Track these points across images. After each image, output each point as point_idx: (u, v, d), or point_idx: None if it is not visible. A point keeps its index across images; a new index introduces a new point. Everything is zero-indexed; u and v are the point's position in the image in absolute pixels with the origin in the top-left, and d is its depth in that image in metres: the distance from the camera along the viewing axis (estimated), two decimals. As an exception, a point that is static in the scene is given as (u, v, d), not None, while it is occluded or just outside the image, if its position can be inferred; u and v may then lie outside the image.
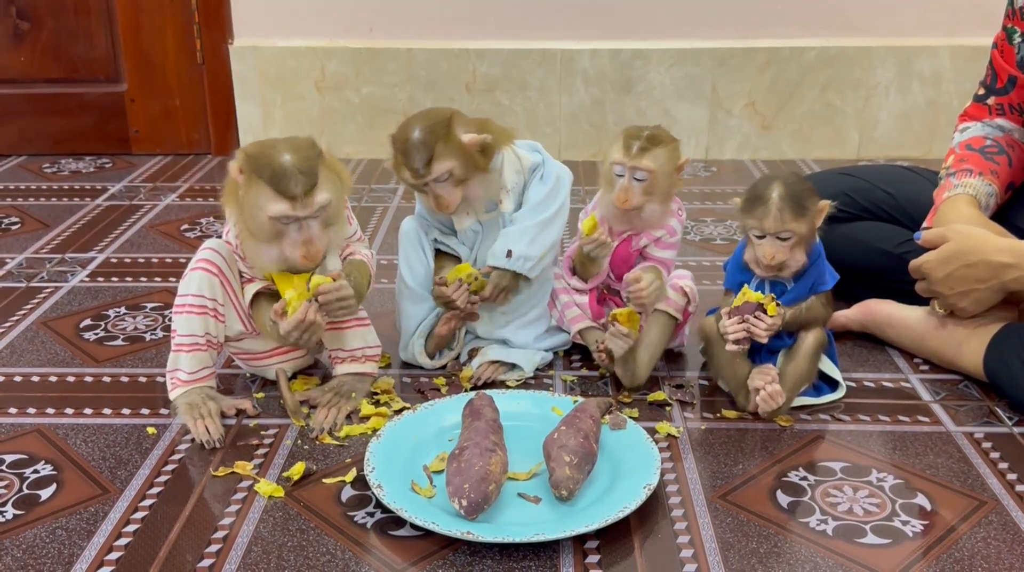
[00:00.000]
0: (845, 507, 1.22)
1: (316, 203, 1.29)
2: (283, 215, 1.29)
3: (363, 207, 2.44)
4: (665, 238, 1.53)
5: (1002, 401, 1.47)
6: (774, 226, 1.35)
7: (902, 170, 1.84)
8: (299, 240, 1.31)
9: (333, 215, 1.34)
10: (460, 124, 1.46)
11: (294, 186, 1.27)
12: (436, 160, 1.43)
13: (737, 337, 1.37)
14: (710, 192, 2.54)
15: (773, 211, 1.35)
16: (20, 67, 2.83)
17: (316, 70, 2.80)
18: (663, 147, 1.46)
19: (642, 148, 1.45)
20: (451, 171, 1.44)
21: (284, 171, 1.27)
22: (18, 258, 2.10)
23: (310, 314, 1.33)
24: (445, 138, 1.43)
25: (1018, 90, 1.64)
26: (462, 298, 1.49)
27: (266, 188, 1.28)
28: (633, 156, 1.45)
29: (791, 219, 1.35)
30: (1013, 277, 1.42)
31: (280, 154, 1.28)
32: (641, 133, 1.46)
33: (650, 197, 1.47)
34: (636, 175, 1.46)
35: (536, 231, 1.51)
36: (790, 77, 2.76)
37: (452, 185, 1.46)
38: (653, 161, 1.45)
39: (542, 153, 1.57)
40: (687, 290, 1.50)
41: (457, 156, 1.44)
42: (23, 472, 1.30)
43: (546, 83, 2.78)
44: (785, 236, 1.36)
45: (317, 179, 1.29)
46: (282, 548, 1.14)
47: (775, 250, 1.37)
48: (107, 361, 1.62)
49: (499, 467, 1.18)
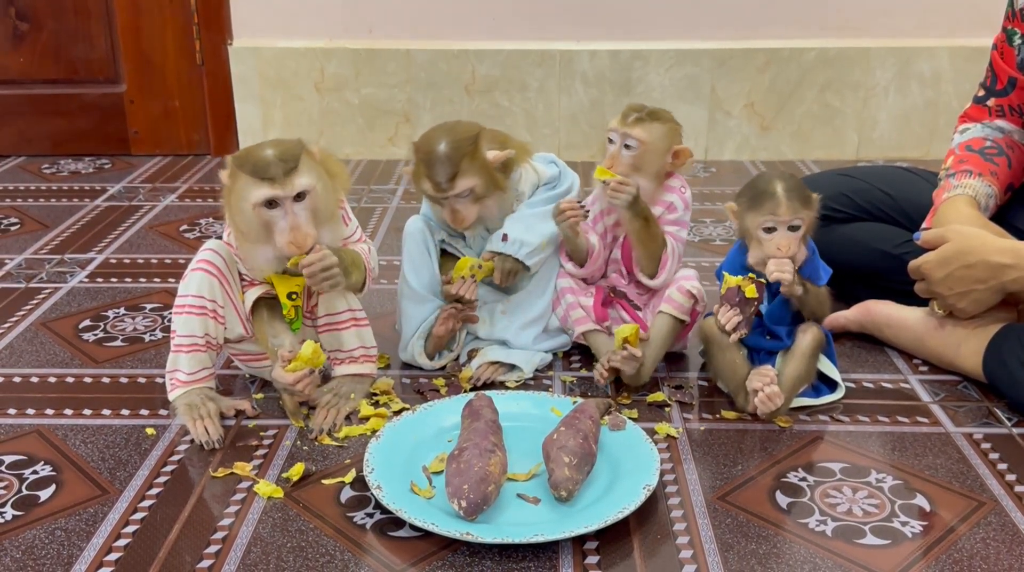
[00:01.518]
0: (844, 508, 1.22)
1: (297, 184, 1.30)
2: (265, 199, 1.30)
3: (363, 208, 2.44)
4: (665, 215, 1.52)
5: (1001, 402, 1.47)
6: (788, 213, 1.36)
7: (901, 171, 1.84)
8: (286, 227, 1.31)
9: (320, 204, 1.33)
10: (486, 141, 1.47)
11: (274, 169, 1.29)
12: (461, 176, 1.44)
13: (732, 324, 1.37)
14: (709, 193, 2.54)
15: (784, 201, 1.35)
16: (20, 68, 2.83)
17: (316, 71, 2.80)
18: (660, 123, 1.47)
19: (638, 118, 1.45)
20: (473, 188, 1.45)
21: (264, 159, 1.30)
22: (17, 259, 2.10)
23: (299, 385, 1.35)
24: (471, 155, 1.44)
25: (1018, 92, 1.64)
26: (470, 291, 1.51)
27: (248, 178, 1.30)
28: (627, 123, 1.46)
29: (801, 207, 1.36)
30: (1012, 278, 1.42)
31: (262, 149, 1.31)
32: (643, 107, 1.47)
33: (638, 171, 1.47)
34: (627, 142, 1.46)
35: (534, 220, 1.52)
36: (789, 78, 2.76)
37: (471, 202, 1.47)
38: (646, 132, 1.45)
39: (559, 165, 1.61)
40: (694, 292, 1.49)
41: (481, 174, 1.45)
42: (22, 473, 1.30)
43: (545, 84, 2.78)
44: (796, 224, 1.36)
45: (297, 163, 1.30)
46: (281, 549, 1.14)
47: (789, 241, 1.37)
48: (106, 362, 1.62)
49: (498, 468, 1.18)
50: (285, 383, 1.36)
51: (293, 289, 1.41)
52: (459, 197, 1.46)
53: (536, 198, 1.56)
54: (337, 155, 2.30)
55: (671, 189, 1.52)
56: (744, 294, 1.37)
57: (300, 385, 1.35)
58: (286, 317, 1.43)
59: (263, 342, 1.43)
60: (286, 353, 1.35)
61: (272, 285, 1.41)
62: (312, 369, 1.35)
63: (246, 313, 1.43)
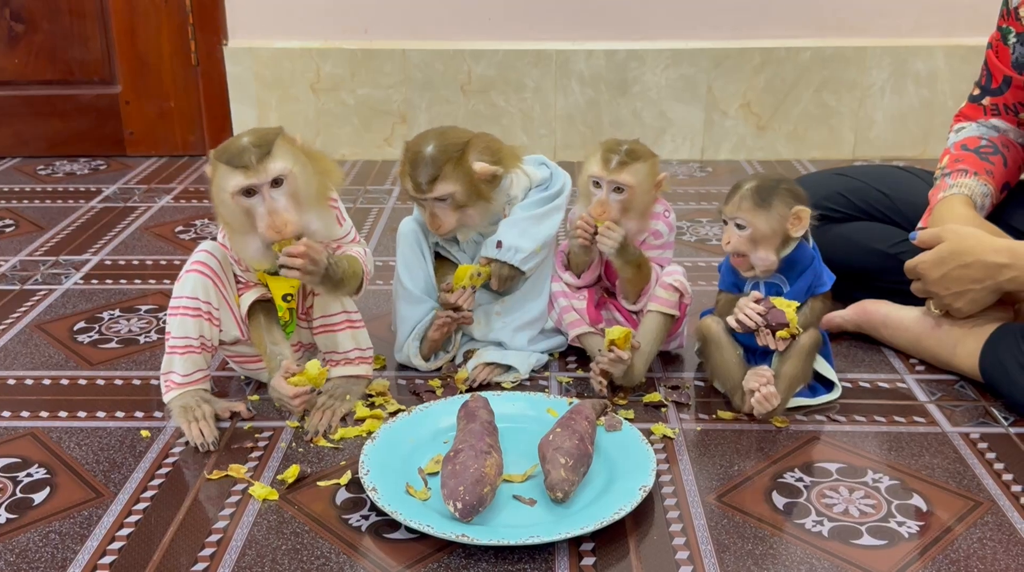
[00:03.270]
0: (841, 508, 1.21)
1: (271, 170, 1.29)
2: (241, 187, 1.29)
3: (359, 209, 2.43)
4: (650, 241, 1.52)
5: (998, 401, 1.47)
6: (730, 210, 1.39)
7: (897, 170, 1.84)
8: (264, 213, 1.30)
9: (300, 189, 1.32)
10: (476, 150, 1.46)
11: (247, 157, 1.28)
12: (441, 180, 1.45)
13: (745, 323, 1.38)
14: (705, 193, 2.54)
15: (735, 198, 1.38)
16: (15, 69, 2.82)
17: (311, 71, 2.79)
18: (643, 162, 1.45)
19: (621, 162, 1.44)
20: (453, 195, 1.45)
21: (239, 147, 1.29)
22: (12, 260, 2.09)
23: (297, 401, 1.36)
24: (456, 161, 1.44)
25: (1013, 90, 1.64)
26: (468, 302, 1.51)
27: (224, 167, 1.29)
28: (612, 170, 1.44)
29: (748, 209, 1.37)
30: (1008, 277, 1.42)
31: (239, 138, 1.31)
32: (620, 147, 1.45)
33: (627, 214, 1.47)
34: (615, 189, 1.45)
35: (528, 224, 1.52)
36: (785, 77, 2.76)
37: (451, 208, 1.47)
38: (632, 176, 1.44)
39: (550, 166, 1.60)
40: (677, 285, 1.49)
41: (463, 182, 1.46)
42: (16, 476, 1.30)
43: (541, 84, 2.78)
44: (740, 223, 1.37)
45: (271, 149, 1.29)
46: (276, 551, 1.14)
47: (730, 236, 1.39)
48: (101, 364, 1.62)
49: (494, 469, 1.17)
50: (283, 394, 1.36)
51: (288, 290, 1.40)
52: (438, 201, 1.46)
53: (529, 201, 1.55)
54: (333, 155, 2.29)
55: (656, 216, 1.52)
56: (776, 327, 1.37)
57: (297, 401, 1.36)
58: (280, 319, 1.43)
59: (261, 349, 1.43)
60: (293, 367, 1.35)
61: (267, 287, 1.40)
62: (312, 388, 1.36)
63: (242, 315, 1.42)
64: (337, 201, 1.44)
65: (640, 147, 1.47)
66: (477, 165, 1.46)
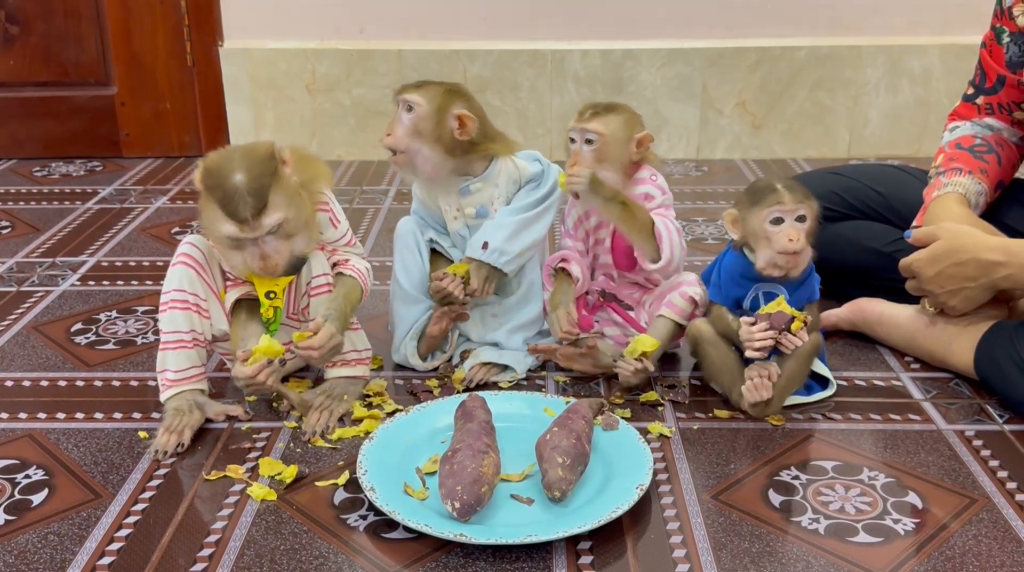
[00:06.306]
0: (837, 506, 1.22)
1: (265, 225, 1.28)
2: (234, 237, 1.29)
3: (355, 209, 2.44)
4: (646, 206, 1.50)
5: (993, 399, 1.48)
6: (792, 201, 1.34)
7: (892, 169, 1.84)
8: (256, 254, 1.31)
9: (293, 228, 1.32)
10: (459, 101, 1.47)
11: (243, 210, 1.26)
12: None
13: (765, 345, 1.36)
14: (701, 192, 2.54)
15: (786, 191, 1.35)
16: (10, 71, 2.82)
17: (307, 72, 2.79)
18: (616, 114, 1.47)
19: (594, 113, 1.47)
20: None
21: (233, 194, 1.25)
22: (8, 262, 2.09)
23: (260, 376, 1.33)
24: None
25: (1007, 89, 1.65)
26: (458, 289, 1.49)
27: (217, 209, 1.27)
28: (584, 119, 1.47)
29: (804, 197, 1.35)
30: (1003, 275, 1.42)
31: (232, 173, 1.26)
32: (599, 104, 1.49)
33: (602, 165, 1.47)
34: (587, 137, 1.46)
35: (516, 227, 1.50)
36: (780, 76, 2.77)
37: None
38: (603, 125, 1.46)
39: (543, 163, 1.57)
40: (696, 298, 1.49)
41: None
42: (14, 477, 1.30)
43: (537, 84, 2.78)
44: (802, 213, 1.35)
45: (267, 201, 1.26)
46: (275, 552, 1.14)
47: (797, 232, 1.34)
48: (98, 365, 1.62)
49: (492, 469, 1.18)
50: (246, 377, 1.34)
51: (271, 288, 1.40)
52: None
53: (520, 202, 1.53)
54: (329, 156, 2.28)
55: (642, 181, 1.51)
56: (790, 327, 1.36)
57: (262, 376, 1.33)
58: (264, 317, 1.42)
59: (233, 345, 1.42)
60: (241, 353, 1.35)
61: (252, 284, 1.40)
62: (270, 360, 1.34)
63: (227, 315, 1.42)
64: (332, 202, 1.44)
65: (619, 104, 1.49)
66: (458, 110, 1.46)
